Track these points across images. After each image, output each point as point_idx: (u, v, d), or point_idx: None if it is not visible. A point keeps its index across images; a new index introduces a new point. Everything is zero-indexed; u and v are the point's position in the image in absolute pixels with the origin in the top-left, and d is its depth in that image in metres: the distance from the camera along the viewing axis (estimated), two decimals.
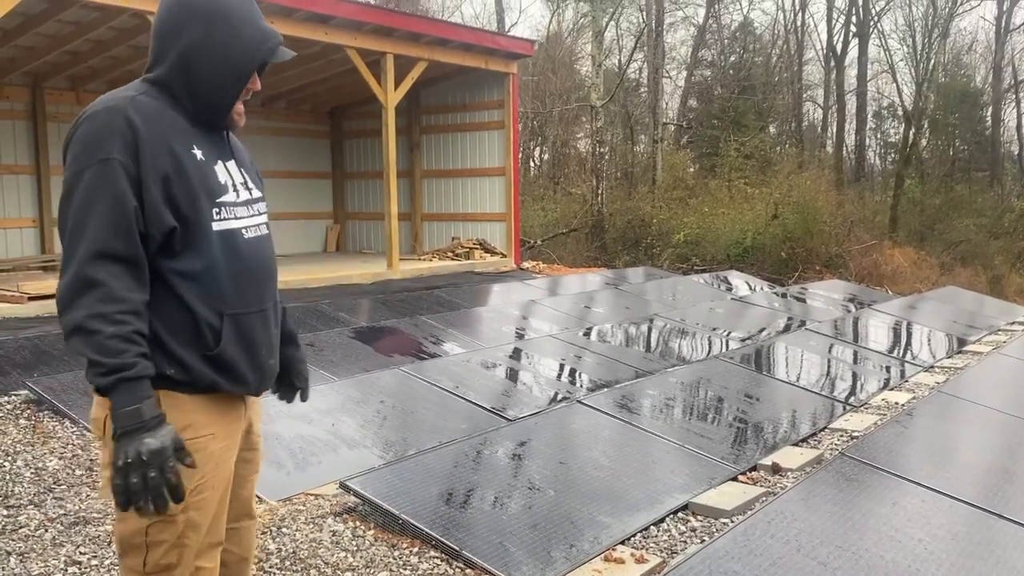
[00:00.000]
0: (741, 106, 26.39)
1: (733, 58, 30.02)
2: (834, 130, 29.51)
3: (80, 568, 3.33)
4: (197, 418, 1.95)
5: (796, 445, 4.98)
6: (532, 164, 29.33)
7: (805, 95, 30.79)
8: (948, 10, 26.60)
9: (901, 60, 31.08)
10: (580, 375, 6.49)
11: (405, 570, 3.32)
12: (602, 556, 3.42)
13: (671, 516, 3.87)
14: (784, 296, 10.72)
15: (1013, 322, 9.98)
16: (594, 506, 3.83)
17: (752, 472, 4.51)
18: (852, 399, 6.06)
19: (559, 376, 6.48)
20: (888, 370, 7.01)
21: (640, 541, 3.62)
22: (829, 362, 7.06)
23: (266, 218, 2.15)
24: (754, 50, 30.59)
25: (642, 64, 28.45)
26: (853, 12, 28.52)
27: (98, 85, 13.46)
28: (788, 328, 8.73)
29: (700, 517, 3.90)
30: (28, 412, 5.31)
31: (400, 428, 5.00)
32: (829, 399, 5.98)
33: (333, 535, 3.62)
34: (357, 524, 3.72)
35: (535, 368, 6.53)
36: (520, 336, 7.96)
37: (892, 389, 6.45)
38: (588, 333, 7.60)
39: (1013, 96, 30.17)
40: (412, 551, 3.45)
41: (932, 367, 7.28)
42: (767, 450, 4.83)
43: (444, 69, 14.12)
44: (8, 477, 4.27)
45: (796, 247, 17.49)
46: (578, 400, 5.25)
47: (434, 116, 15.98)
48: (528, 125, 26.76)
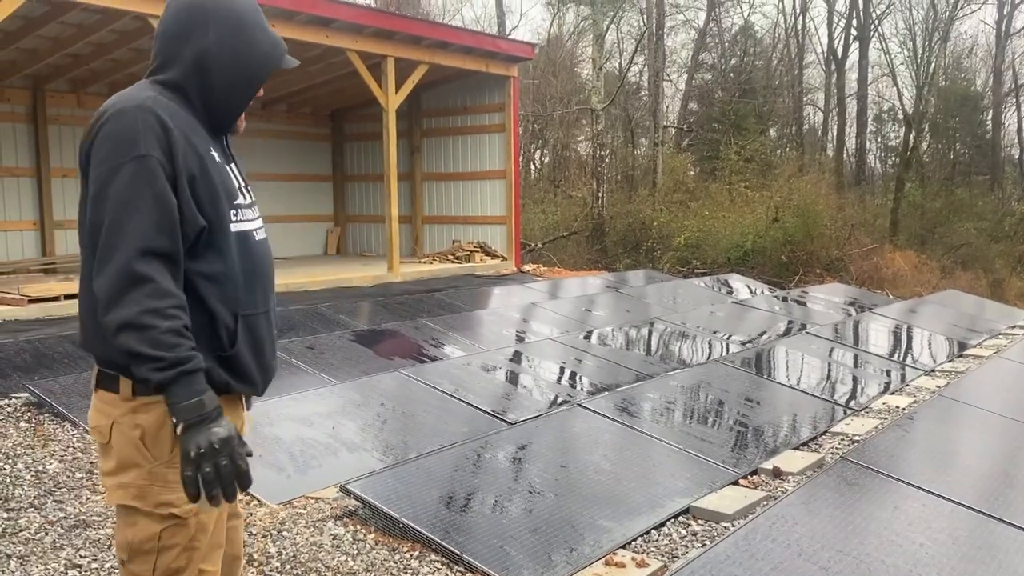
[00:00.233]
0: (742, 109, 26.39)
1: (734, 61, 30.02)
2: (834, 133, 29.54)
3: (80, 571, 3.33)
4: None
5: (797, 449, 4.98)
6: (533, 167, 29.35)
7: (806, 98, 30.81)
8: (948, 14, 26.63)
9: (901, 64, 31.14)
10: (580, 378, 6.49)
11: (406, 574, 3.32)
12: (603, 560, 3.42)
13: (672, 520, 3.87)
14: (785, 299, 10.72)
15: (1014, 326, 9.97)
16: (595, 510, 3.82)
17: (753, 476, 4.51)
18: (853, 403, 6.06)
19: (559, 379, 6.48)
20: (889, 374, 7.01)
21: (641, 545, 3.61)
22: (830, 366, 7.06)
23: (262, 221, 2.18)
24: (755, 53, 30.60)
25: (643, 67, 28.48)
26: (854, 16, 28.55)
27: (99, 88, 13.47)
28: (789, 332, 8.73)
29: (701, 521, 3.89)
30: (28, 415, 5.31)
31: (401, 431, 5.00)
32: (830, 403, 5.97)
33: (334, 539, 3.62)
34: (358, 528, 3.72)
35: (535, 371, 6.53)
36: (520, 339, 7.96)
37: (893, 393, 6.44)
38: (588, 336, 7.60)
39: (1013, 100, 30.18)
40: (413, 555, 3.45)
41: (933, 371, 7.27)
42: (768, 454, 4.83)
43: (445, 72, 14.13)
44: (8, 480, 4.27)
45: (797, 250, 17.49)
46: (579, 403, 5.24)
47: (435, 119, 15.99)
48: (529, 128, 26.77)
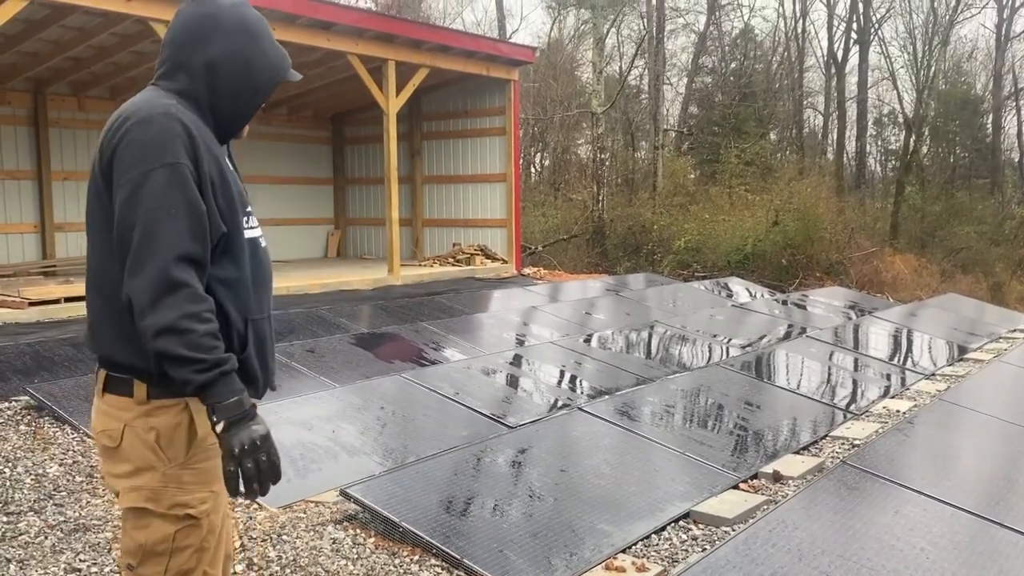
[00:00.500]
0: (742, 113, 26.39)
1: (734, 65, 30.03)
2: (835, 137, 29.54)
3: (80, 575, 3.33)
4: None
5: (797, 453, 4.98)
6: (533, 170, 29.35)
7: (806, 102, 30.80)
8: (948, 17, 26.63)
9: (902, 67, 31.15)
10: (581, 382, 6.49)
11: None
12: (603, 564, 3.42)
13: (672, 524, 3.87)
14: (785, 303, 10.72)
15: (1014, 329, 9.97)
16: (595, 514, 3.82)
17: (753, 480, 4.50)
18: (853, 407, 6.05)
19: (560, 383, 6.48)
20: (889, 378, 7.01)
21: (641, 550, 3.61)
22: (830, 369, 7.05)
23: None
24: (755, 57, 30.61)
25: (643, 71, 28.48)
26: (854, 19, 28.56)
27: (100, 91, 13.49)
28: (789, 335, 8.72)
29: (701, 525, 3.89)
30: (28, 418, 5.31)
31: (401, 435, 4.99)
32: (830, 407, 5.97)
33: (333, 543, 3.61)
34: (358, 532, 3.72)
35: (536, 375, 6.53)
36: (521, 342, 7.95)
37: (893, 397, 6.44)
38: (589, 340, 7.60)
39: (1013, 103, 30.18)
40: (413, 559, 3.44)
41: (933, 375, 7.27)
42: (768, 458, 4.82)
43: (445, 75, 14.14)
44: (8, 483, 4.27)
45: (797, 254, 17.48)
46: (579, 407, 5.24)
47: (435, 122, 16.00)
48: (529, 131, 26.79)
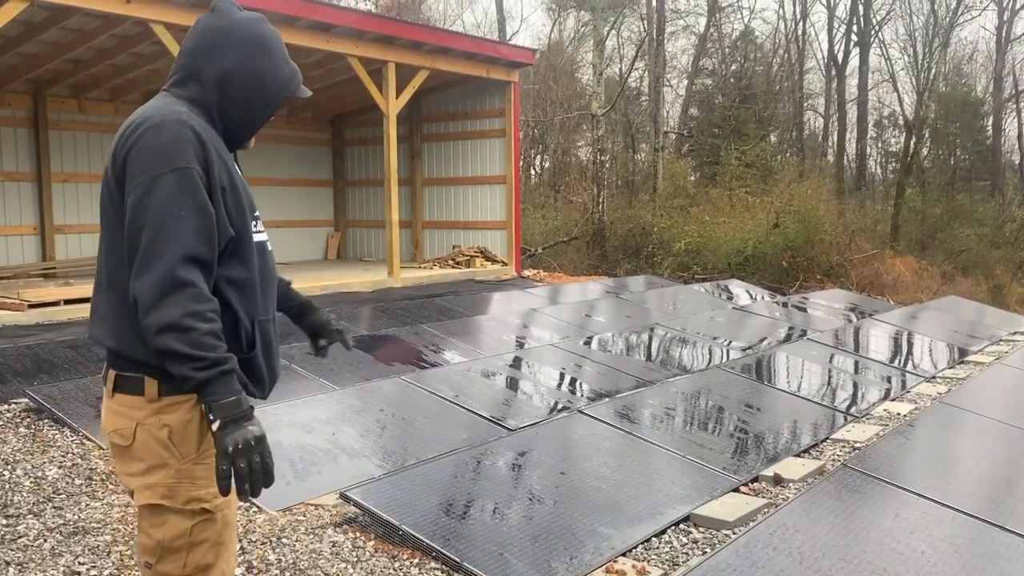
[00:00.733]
0: (742, 115, 26.38)
1: (734, 67, 30.04)
2: (835, 139, 29.54)
3: None
4: None
5: (798, 456, 4.97)
6: (533, 172, 29.35)
7: (806, 104, 30.80)
8: (949, 20, 26.64)
9: (902, 69, 31.12)
10: (581, 384, 6.48)
11: None
12: (603, 568, 3.41)
13: (673, 527, 3.86)
14: (785, 305, 10.71)
15: (1015, 332, 9.96)
16: (595, 517, 3.81)
17: (754, 483, 4.50)
18: (853, 409, 6.05)
19: (560, 385, 6.47)
20: (889, 380, 7.00)
21: (642, 553, 3.60)
22: (830, 372, 7.05)
23: None
24: (755, 59, 30.60)
25: (643, 73, 28.48)
26: (854, 22, 28.57)
27: (100, 93, 13.48)
28: (789, 338, 8.72)
29: (702, 528, 3.88)
30: (28, 420, 5.30)
31: (400, 437, 4.99)
32: (830, 409, 5.96)
33: (333, 546, 3.61)
34: (357, 535, 3.71)
35: (536, 377, 6.52)
36: (521, 345, 7.95)
37: (894, 400, 6.43)
38: (589, 342, 7.59)
39: (1014, 106, 30.19)
40: (412, 562, 3.44)
41: (934, 377, 7.26)
42: (768, 461, 4.82)
43: (445, 77, 14.14)
44: (7, 486, 4.26)
45: (797, 256, 17.47)
46: (579, 410, 5.23)
47: (435, 124, 16.00)
48: (529, 133, 26.79)
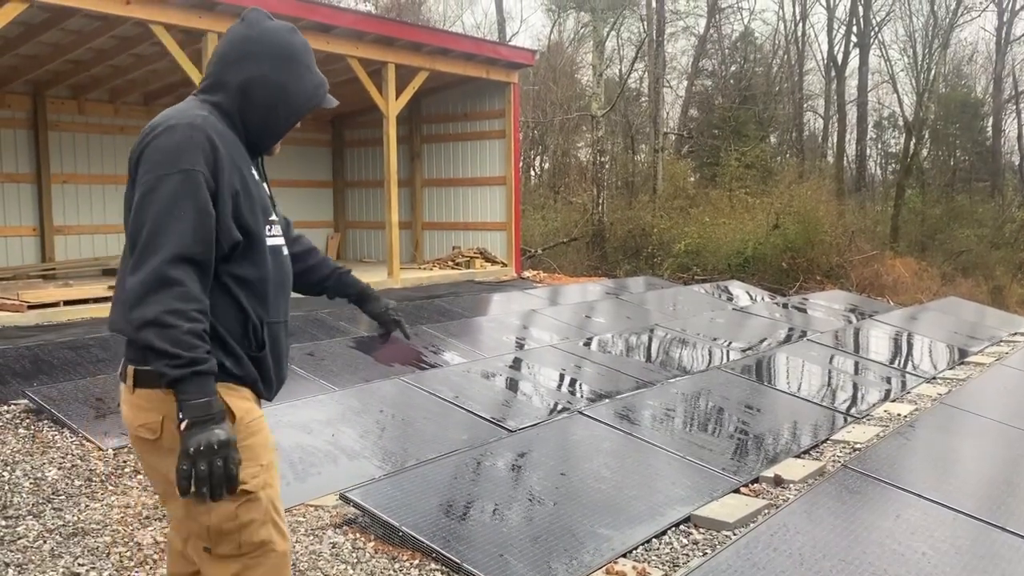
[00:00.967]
0: (742, 116, 26.38)
1: (734, 68, 30.03)
2: (835, 140, 29.54)
3: None
4: (252, 404, 2.12)
5: (798, 457, 4.96)
6: (533, 173, 29.34)
7: (806, 105, 30.81)
8: (948, 21, 26.65)
9: (901, 70, 31.17)
10: (581, 385, 6.48)
11: None
12: (603, 569, 3.40)
13: (673, 528, 3.85)
14: (785, 306, 10.71)
15: (1015, 333, 9.96)
16: (595, 518, 3.81)
17: (754, 484, 4.49)
18: (854, 410, 6.04)
19: (559, 386, 6.46)
20: (889, 381, 6.99)
21: (642, 554, 3.60)
22: (830, 373, 7.04)
23: None
24: (755, 60, 30.61)
25: (643, 74, 28.49)
26: (854, 23, 28.58)
27: (100, 94, 13.48)
28: (789, 339, 8.71)
29: (702, 530, 3.88)
30: (27, 421, 5.29)
31: (400, 438, 4.98)
32: (830, 410, 5.96)
33: (333, 547, 3.60)
34: (357, 536, 3.70)
35: (535, 378, 6.51)
36: (520, 346, 7.94)
37: (894, 400, 6.43)
38: (589, 343, 7.59)
39: (1013, 106, 30.20)
40: (412, 563, 3.43)
41: (934, 378, 7.26)
42: (769, 462, 4.81)
43: (445, 79, 14.14)
44: (7, 487, 4.25)
45: (797, 257, 17.45)
46: (579, 411, 5.23)
47: (435, 125, 16.00)
48: (529, 134, 26.79)
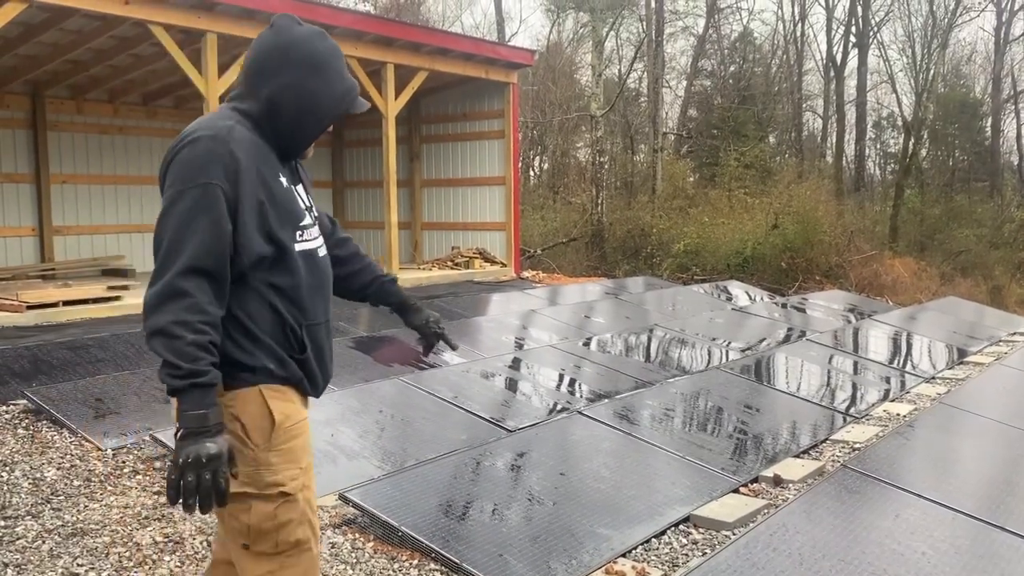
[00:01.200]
0: (741, 116, 26.38)
1: (733, 68, 30.04)
2: (834, 140, 29.53)
3: None
4: (295, 407, 2.15)
5: (797, 457, 4.96)
6: (532, 173, 29.34)
7: (805, 105, 30.80)
8: (947, 21, 26.66)
9: (900, 71, 31.16)
10: (580, 385, 6.48)
11: None
12: (603, 569, 3.40)
13: (672, 528, 3.85)
14: (784, 306, 10.71)
15: (1014, 333, 9.96)
16: (595, 518, 3.81)
17: (753, 484, 4.49)
18: (853, 410, 6.04)
19: (559, 386, 6.46)
20: (889, 381, 7.00)
21: (641, 554, 3.59)
22: (829, 373, 7.04)
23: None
24: (754, 60, 30.61)
25: (642, 74, 28.49)
26: (852, 23, 28.58)
27: (99, 94, 13.48)
28: (788, 338, 8.71)
29: (702, 529, 3.88)
30: (26, 422, 5.29)
31: (399, 439, 4.98)
32: (830, 410, 5.96)
33: (332, 547, 3.60)
34: (356, 536, 3.70)
35: (535, 378, 6.51)
36: (520, 346, 7.94)
37: (893, 400, 6.43)
38: (588, 343, 7.59)
39: (1012, 106, 30.20)
40: (412, 563, 3.43)
41: (933, 378, 7.26)
42: (768, 462, 4.81)
43: (444, 79, 14.14)
44: (6, 487, 4.25)
45: (796, 257, 17.46)
46: (578, 411, 5.23)
47: (434, 125, 16.00)
48: (528, 135, 26.79)
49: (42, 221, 13.07)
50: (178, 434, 1.92)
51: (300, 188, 2.23)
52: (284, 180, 2.13)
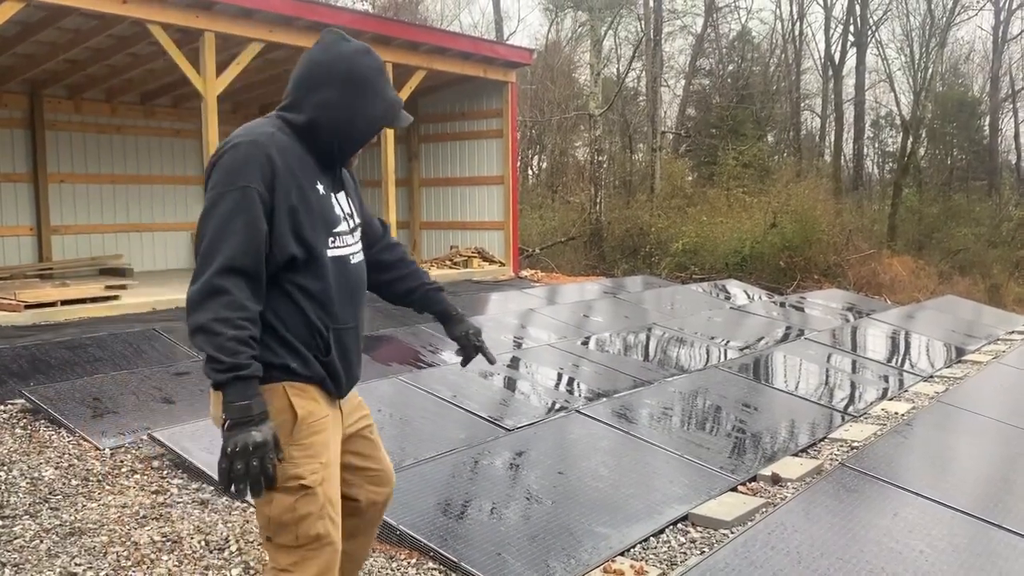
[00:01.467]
0: (739, 115, 26.39)
1: (731, 67, 30.06)
2: (832, 139, 29.53)
3: None
4: (317, 403, 2.23)
5: (795, 455, 4.97)
6: (530, 172, 29.35)
7: (803, 104, 30.82)
8: (945, 20, 26.69)
9: (899, 69, 31.18)
10: (578, 384, 6.48)
11: None
12: (601, 567, 3.40)
13: (671, 527, 3.85)
14: (782, 305, 10.72)
15: (1012, 331, 9.97)
16: (593, 517, 3.81)
17: (752, 482, 4.49)
18: (851, 409, 6.05)
19: (557, 385, 6.46)
20: (887, 380, 7.00)
21: (639, 552, 3.60)
22: (828, 372, 7.05)
23: (362, 244, 2.43)
24: (752, 59, 30.63)
25: (640, 73, 28.49)
26: (851, 22, 28.60)
27: (96, 93, 13.46)
28: (787, 337, 8.72)
29: (700, 528, 3.88)
30: (24, 421, 5.29)
31: (398, 438, 4.98)
32: (828, 409, 5.96)
33: None
34: None
35: (533, 377, 6.51)
36: (518, 345, 7.94)
37: (891, 399, 6.43)
38: (586, 342, 7.59)
39: (1010, 105, 30.22)
40: (410, 562, 3.43)
41: (931, 377, 7.26)
42: (766, 460, 4.81)
43: (443, 78, 14.13)
44: (3, 487, 4.25)
45: (794, 256, 17.47)
46: (576, 410, 5.23)
47: (432, 125, 15.99)
48: (526, 134, 26.79)
49: (40, 220, 13.06)
50: (225, 425, 2.02)
51: (341, 195, 2.32)
52: (321, 187, 2.23)
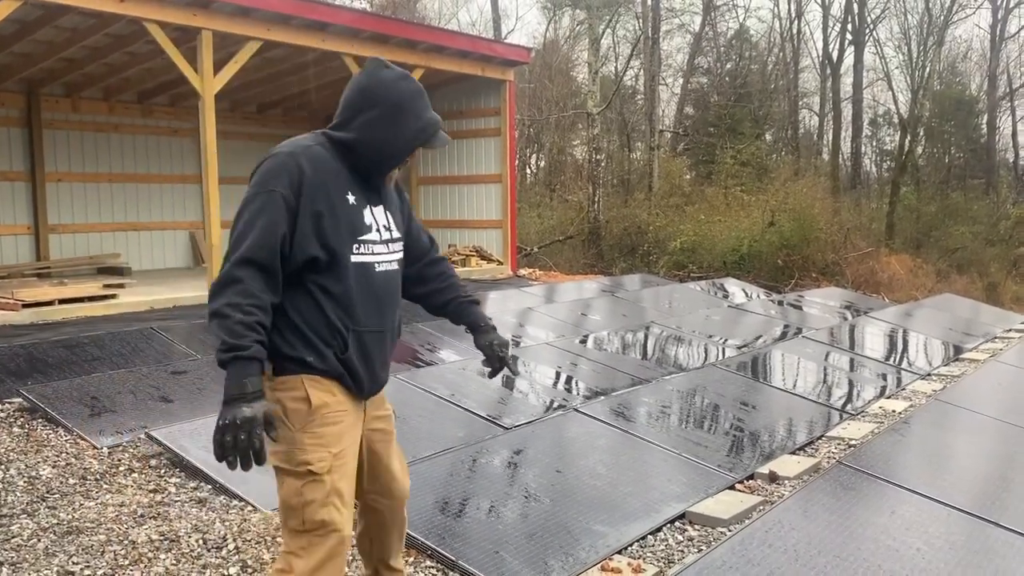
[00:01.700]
0: (737, 113, 26.42)
1: (729, 65, 30.08)
2: (830, 137, 29.54)
3: None
4: (335, 397, 2.38)
5: (793, 453, 4.97)
6: (528, 171, 29.35)
7: (801, 102, 30.85)
8: (943, 18, 26.72)
9: (896, 68, 31.13)
10: (576, 383, 6.48)
11: None
12: (599, 565, 3.40)
13: (668, 525, 3.86)
14: (780, 304, 10.72)
15: (1009, 329, 9.98)
16: (591, 515, 3.81)
17: (749, 480, 4.50)
18: (849, 407, 6.05)
19: (555, 384, 6.47)
20: (885, 378, 7.01)
21: (637, 550, 3.60)
22: (826, 370, 7.05)
23: (400, 255, 2.58)
24: (750, 58, 30.65)
25: (638, 71, 28.50)
26: (848, 20, 28.61)
27: (94, 92, 13.45)
28: (785, 336, 8.72)
29: (697, 526, 3.88)
30: (22, 420, 5.28)
31: (396, 436, 4.97)
32: (826, 407, 5.97)
33: None
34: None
35: (531, 376, 6.51)
36: (516, 343, 7.94)
37: (889, 397, 6.44)
38: (585, 340, 7.59)
39: (1008, 104, 30.24)
40: (408, 561, 3.43)
41: (929, 375, 7.27)
42: (764, 458, 4.82)
43: (440, 76, 14.12)
44: (1, 486, 4.25)
45: (792, 254, 17.49)
46: (574, 408, 5.23)
47: None
48: (524, 132, 26.79)
49: (37, 219, 13.05)
50: (222, 401, 2.17)
51: (379, 208, 2.49)
52: (352, 198, 2.40)
